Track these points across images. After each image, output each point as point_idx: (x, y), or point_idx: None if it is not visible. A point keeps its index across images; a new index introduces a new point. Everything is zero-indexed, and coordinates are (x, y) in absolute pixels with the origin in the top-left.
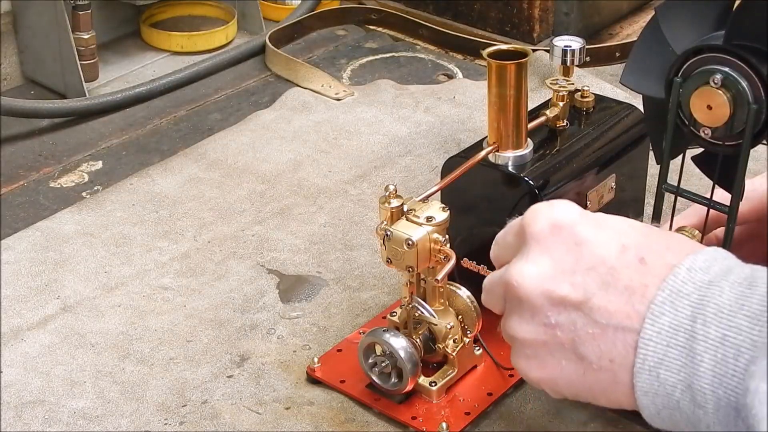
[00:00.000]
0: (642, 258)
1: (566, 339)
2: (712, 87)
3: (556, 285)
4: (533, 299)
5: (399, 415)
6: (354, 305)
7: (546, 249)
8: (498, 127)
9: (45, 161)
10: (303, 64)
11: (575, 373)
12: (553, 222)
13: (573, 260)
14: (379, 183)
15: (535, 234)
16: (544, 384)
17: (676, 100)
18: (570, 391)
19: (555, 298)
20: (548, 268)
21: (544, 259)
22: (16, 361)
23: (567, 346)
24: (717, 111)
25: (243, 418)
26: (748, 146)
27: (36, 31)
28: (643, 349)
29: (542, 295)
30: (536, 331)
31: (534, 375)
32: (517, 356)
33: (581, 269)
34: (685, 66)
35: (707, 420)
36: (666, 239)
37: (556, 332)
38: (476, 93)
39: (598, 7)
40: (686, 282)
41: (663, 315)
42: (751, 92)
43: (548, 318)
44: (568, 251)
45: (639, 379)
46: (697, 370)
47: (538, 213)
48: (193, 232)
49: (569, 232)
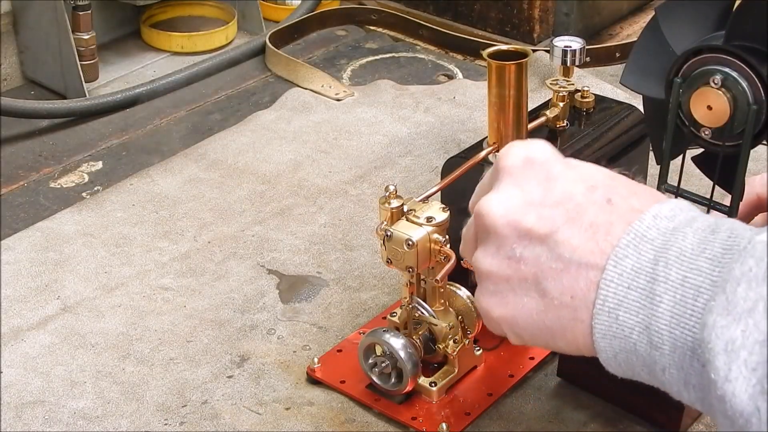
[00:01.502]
0: (609, 199)
1: (529, 273)
2: (712, 87)
3: (523, 216)
4: (500, 229)
5: (399, 415)
6: (354, 305)
7: (516, 181)
8: (498, 127)
9: (45, 161)
10: (303, 64)
11: (536, 309)
12: (526, 156)
13: (542, 193)
14: (379, 183)
15: (507, 167)
16: (505, 323)
17: (677, 100)
18: (529, 331)
19: (521, 229)
20: (517, 199)
21: (514, 190)
22: (16, 362)
23: (530, 281)
24: (717, 111)
25: (243, 419)
26: (748, 146)
27: (36, 31)
28: (604, 290)
29: (508, 225)
30: (500, 264)
31: (495, 313)
32: (480, 293)
33: (549, 203)
34: (685, 66)
35: (663, 361)
36: (634, 186)
37: (520, 266)
38: (476, 93)
39: (598, 8)
40: (651, 228)
41: (626, 258)
42: (751, 93)
43: (513, 250)
44: (538, 185)
45: (597, 321)
46: (655, 311)
47: (512, 148)
48: (193, 232)
49: (541, 167)
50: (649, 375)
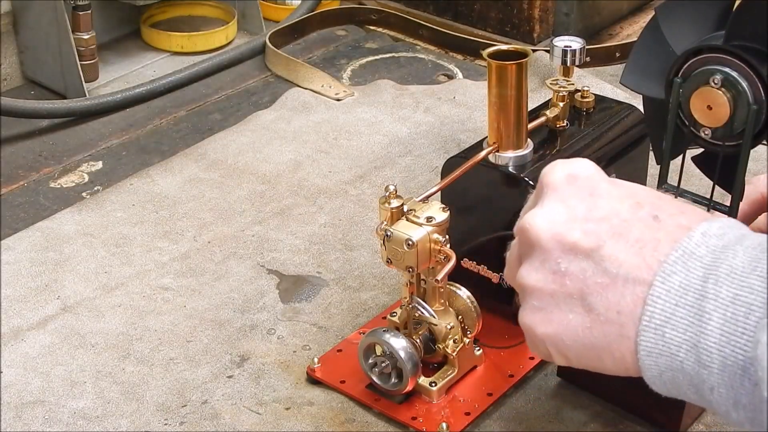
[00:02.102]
0: (656, 216)
1: (575, 288)
2: (712, 87)
3: (567, 230)
4: (544, 243)
5: (399, 415)
6: (354, 305)
7: (560, 197)
8: (498, 127)
9: (45, 161)
10: (303, 64)
11: (582, 326)
12: (569, 173)
13: (586, 209)
14: (379, 183)
15: (550, 183)
16: (549, 341)
17: (677, 100)
18: (575, 350)
19: (566, 244)
20: (561, 214)
21: (558, 206)
22: (16, 361)
23: (575, 296)
24: (717, 111)
25: (243, 419)
26: (748, 146)
27: (36, 31)
28: (651, 307)
29: (553, 239)
30: (545, 278)
31: (539, 330)
32: (524, 311)
33: (594, 218)
34: (686, 66)
35: (711, 380)
36: (680, 205)
37: (565, 281)
38: (476, 93)
39: (598, 8)
40: (700, 245)
41: (674, 274)
42: (751, 92)
43: (558, 265)
44: (582, 200)
45: (643, 338)
46: (704, 329)
47: (555, 165)
48: (193, 232)
49: (585, 183)
50: (696, 394)
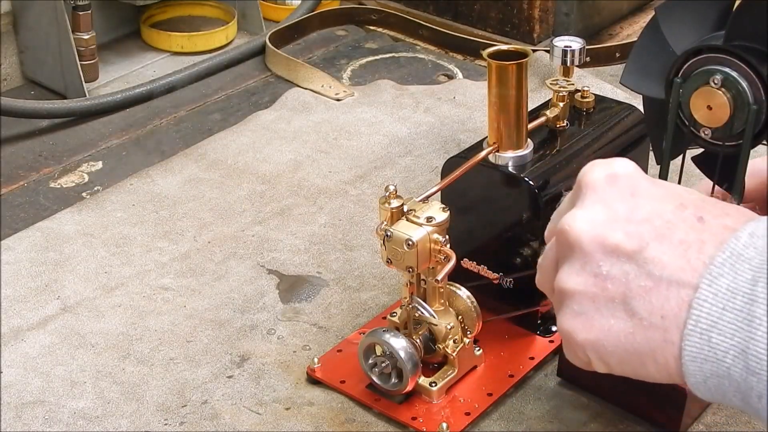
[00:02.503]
0: (700, 217)
1: (617, 292)
2: (712, 87)
3: (609, 232)
4: (585, 245)
5: (399, 415)
6: (354, 305)
7: (600, 197)
8: (498, 127)
9: (45, 161)
10: (303, 64)
11: (624, 331)
12: (609, 173)
13: (628, 210)
14: (379, 183)
15: (589, 183)
16: (590, 347)
17: (677, 100)
18: (617, 356)
19: (608, 246)
20: (602, 214)
21: (598, 207)
22: (16, 361)
23: (617, 300)
24: (717, 111)
25: (243, 419)
26: (748, 147)
27: (36, 31)
28: (697, 311)
29: (594, 241)
30: (586, 282)
31: (580, 336)
32: (564, 315)
33: (636, 219)
34: (686, 66)
35: (760, 388)
36: (725, 206)
37: (606, 284)
38: (476, 93)
39: (598, 8)
40: (748, 246)
41: (721, 277)
42: (751, 93)
43: (599, 267)
44: (623, 200)
45: (688, 342)
46: (753, 335)
47: (594, 165)
48: (193, 232)
49: (626, 182)
50: (741, 402)
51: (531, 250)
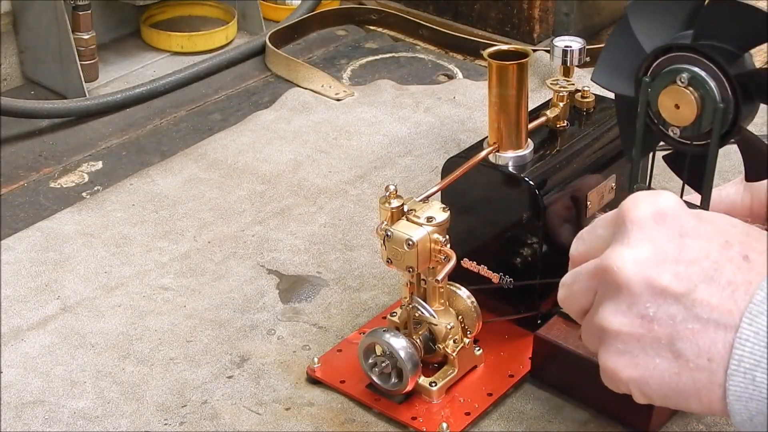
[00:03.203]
0: (746, 255)
1: (663, 334)
2: (679, 86)
3: (658, 273)
4: (633, 286)
5: (399, 415)
6: (354, 305)
7: (648, 236)
8: (498, 127)
9: (45, 161)
10: (303, 64)
11: (669, 372)
12: (656, 210)
13: (676, 250)
14: (379, 183)
15: (636, 220)
16: (634, 384)
17: (645, 99)
18: (660, 393)
19: (656, 288)
20: (650, 255)
21: (646, 246)
22: (16, 361)
23: (663, 342)
24: (684, 110)
25: (243, 419)
26: (716, 146)
27: (36, 31)
28: (740, 350)
29: (643, 282)
30: (632, 323)
31: (624, 374)
32: (606, 352)
33: (684, 260)
34: (654, 65)
35: None
36: None
37: (653, 326)
38: (476, 93)
39: (598, 8)
40: None
41: (761, 314)
42: (719, 92)
43: (647, 309)
44: (671, 240)
45: (732, 382)
46: None
47: (640, 200)
48: (193, 232)
49: (673, 221)
50: None
51: (531, 250)
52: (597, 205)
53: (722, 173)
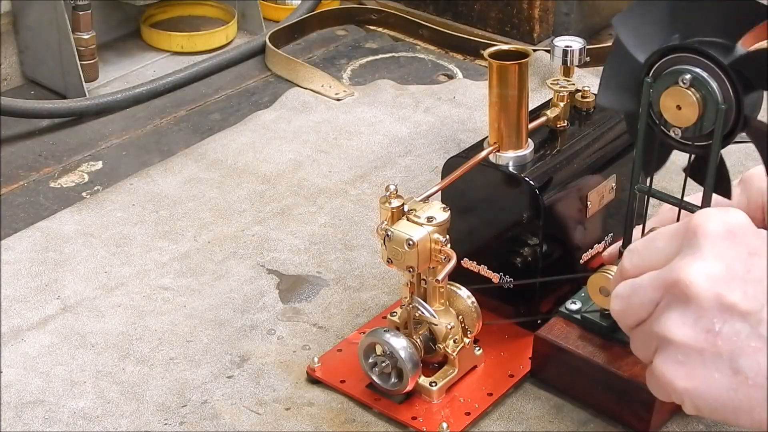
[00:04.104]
0: None
1: (726, 349)
2: (681, 87)
3: (728, 290)
4: (703, 300)
5: (399, 415)
6: (354, 305)
7: (719, 252)
8: (499, 127)
9: (45, 161)
10: (303, 64)
11: (726, 387)
12: (728, 227)
13: (745, 269)
14: (379, 183)
15: (709, 234)
16: (687, 395)
17: (647, 100)
18: (712, 406)
19: (725, 304)
20: (722, 271)
21: (718, 262)
22: (16, 361)
23: (725, 357)
24: (686, 111)
25: (243, 419)
26: (718, 147)
27: (36, 31)
28: None
29: (713, 298)
30: (696, 336)
31: (680, 384)
32: (665, 361)
33: (753, 279)
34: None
35: None
36: None
37: (717, 341)
38: (476, 93)
39: (598, 7)
40: None
41: None
42: (720, 92)
43: (713, 324)
44: (740, 259)
45: None
46: None
47: (712, 215)
48: (193, 232)
49: (743, 240)
50: None
51: (531, 250)
52: (597, 205)
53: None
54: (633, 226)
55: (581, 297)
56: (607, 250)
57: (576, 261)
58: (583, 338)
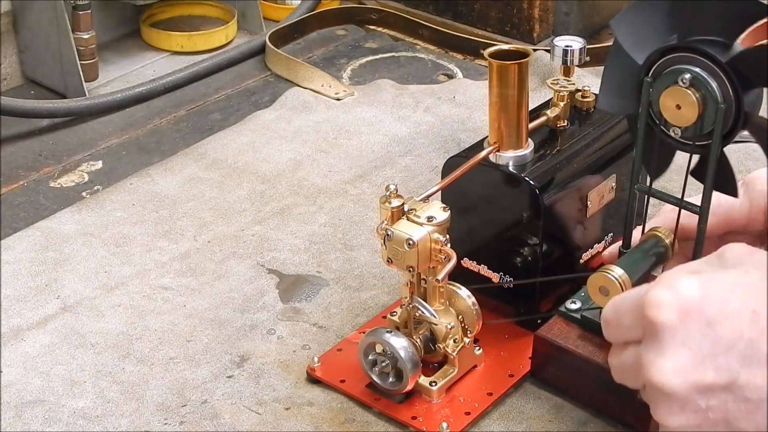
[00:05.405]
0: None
1: (719, 418)
2: (680, 87)
3: (700, 374)
4: (680, 393)
5: (399, 414)
6: (354, 305)
7: (680, 340)
8: (499, 127)
9: (45, 161)
10: (303, 64)
11: None
12: (679, 309)
13: (710, 344)
14: (379, 183)
15: (665, 326)
16: None
17: (647, 100)
18: None
19: (702, 387)
20: (688, 359)
21: (682, 351)
22: (16, 361)
23: (721, 424)
24: (686, 111)
25: (243, 418)
26: (718, 146)
27: (36, 31)
28: None
29: (689, 389)
30: (688, 418)
31: None
32: None
33: (720, 351)
34: (656, 66)
35: None
36: None
37: (708, 415)
38: (476, 93)
39: (598, 7)
40: None
41: None
42: (720, 92)
43: (698, 405)
44: (703, 336)
45: None
46: None
47: (661, 301)
48: (193, 232)
49: (697, 314)
50: None
51: (531, 249)
52: (597, 205)
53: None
54: (633, 226)
55: (581, 297)
56: (607, 249)
57: (576, 261)
58: (582, 338)
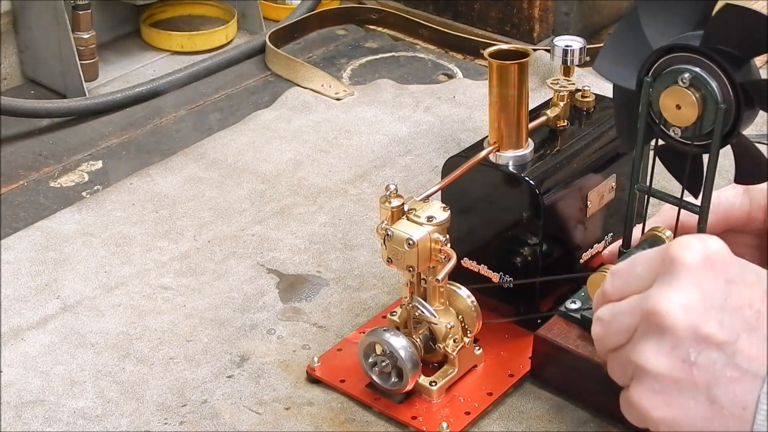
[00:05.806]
0: None
1: (702, 379)
2: (680, 86)
3: (704, 320)
4: (678, 330)
5: (399, 414)
6: (354, 305)
7: (696, 281)
8: (499, 126)
9: (45, 161)
10: (303, 63)
11: (703, 416)
12: (706, 255)
13: (722, 297)
14: (379, 183)
15: (686, 263)
16: (664, 425)
17: (647, 99)
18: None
19: (700, 334)
20: (698, 300)
21: (695, 291)
22: (16, 361)
23: (700, 387)
24: (686, 111)
25: (243, 418)
26: (717, 146)
27: (36, 31)
28: (763, 404)
29: (689, 328)
30: (672, 365)
31: (656, 414)
32: (641, 390)
33: (729, 308)
34: (656, 65)
35: None
36: None
37: (693, 370)
38: (476, 93)
39: (598, 7)
40: None
41: None
42: (720, 92)
43: (689, 354)
44: (718, 286)
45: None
46: None
47: (690, 243)
48: (193, 231)
49: (721, 268)
50: None
51: (531, 249)
52: (597, 205)
53: (722, 173)
54: (633, 225)
55: (581, 296)
56: (607, 249)
57: (576, 260)
58: (582, 338)
